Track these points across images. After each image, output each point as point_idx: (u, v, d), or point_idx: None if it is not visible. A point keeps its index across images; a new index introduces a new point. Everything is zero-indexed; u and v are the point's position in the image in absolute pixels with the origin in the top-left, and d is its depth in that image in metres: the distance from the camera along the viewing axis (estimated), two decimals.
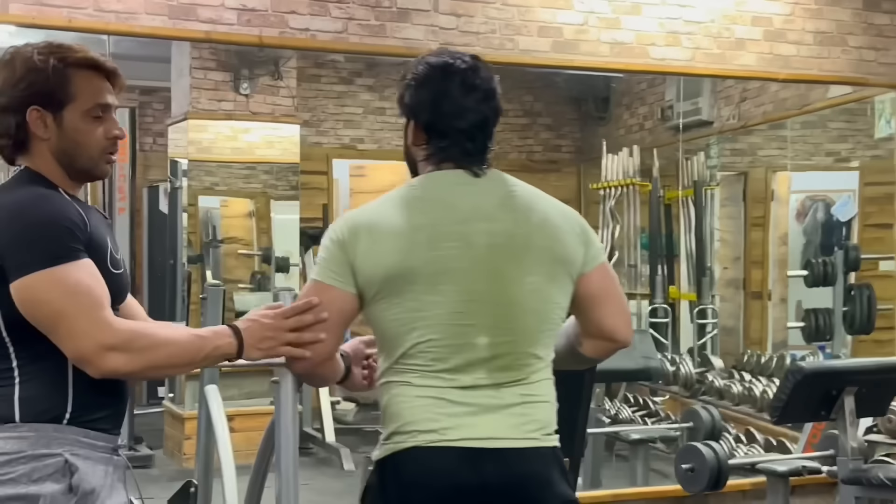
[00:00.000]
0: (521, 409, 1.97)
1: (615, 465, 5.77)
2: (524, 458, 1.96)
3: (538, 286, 2.00)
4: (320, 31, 4.13)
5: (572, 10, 4.49)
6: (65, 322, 1.82)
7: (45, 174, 1.97)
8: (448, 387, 1.95)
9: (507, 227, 2.01)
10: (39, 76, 1.93)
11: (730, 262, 7.02)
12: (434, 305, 1.95)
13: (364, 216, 2.03)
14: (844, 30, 4.94)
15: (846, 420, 3.83)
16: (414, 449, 1.95)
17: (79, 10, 3.79)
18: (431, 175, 2.05)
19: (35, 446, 1.85)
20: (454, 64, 2.05)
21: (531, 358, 2.00)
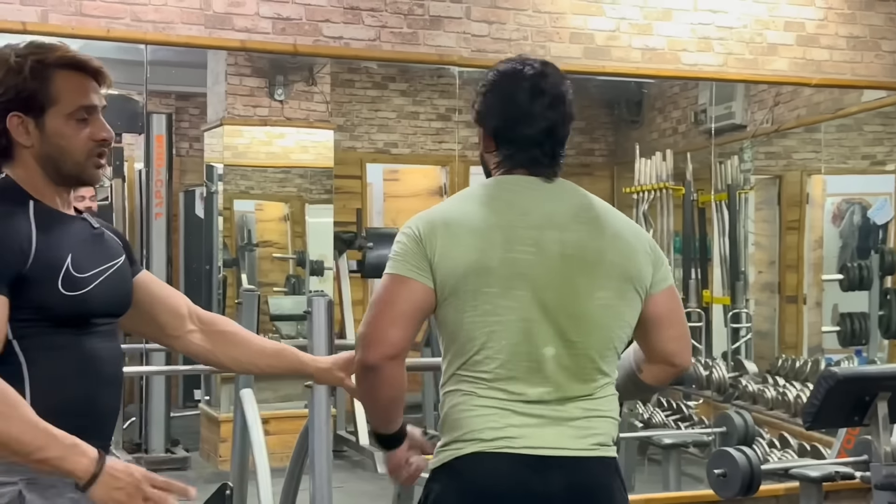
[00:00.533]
0: (585, 422, 1.97)
1: (648, 470, 5.78)
2: (588, 468, 1.97)
3: (608, 302, 1.99)
4: (353, 39, 4.19)
5: (604, 17, 4.53)
6: None
7: (26, 184, 1.86)
8: (513, 400, 1.94)
9: (581, 238, 1.98)
10: (17, 79, 1.82)
11: (764, 266, 7.00)
12: (508, 311, 1.93)
13: (439, 213, 2.01)
14: (877, 34, 4.93)
15: (879, 425, 3.82)
16: (478, 454, 1.93)
17: (117, 20, 3.87)
18: (504, 178, 2.04)
19: None
20: (522, 70, 2.05)
21: (597, 373, 1.99)
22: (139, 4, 3.88)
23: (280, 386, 6.07)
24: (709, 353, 6.33)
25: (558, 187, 2.04)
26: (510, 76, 2.05)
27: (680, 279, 6.54)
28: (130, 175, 6.43)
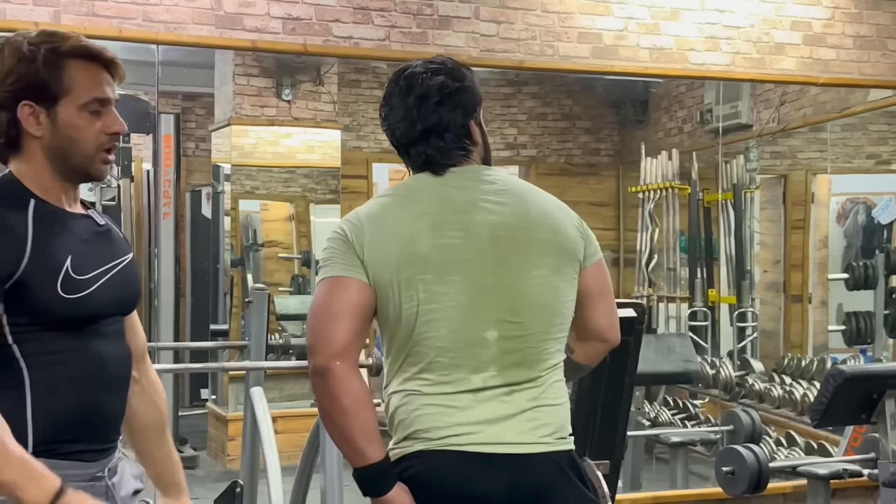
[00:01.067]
0: (533, 413, 1.93)
1: (655, 468, 5.80)
2: (536, 464, 1.92)
3: (545, 279, 1.96)
4: (363, 39, 4.21)
5: (612, 17, 4.54)
6: None
7: (30, 180, 1.82)
8: (458, 391, 1.90)
9: (507, 219, 1.96)
10: (30, 67, 1.77)
11: (770, 265, 7.02)
12: (444, 297, 1.89)
13: (363, 211, 2.00)
14: (884, 34, 4.95)
15: (887, 423, 3.84)
16: (422, 452, 1.91)
17: (128, 20, 3.89)
18: (416, 177, 2.03)
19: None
20: (403, 72, 2.03)
21: (542, 353, 1.96)
22: (151, 5, 3.91)
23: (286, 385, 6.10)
24: (715, 352, 6.35)
25: (473, 173, 2.01)
26: (393, 80, 2.04)
27: (686, 278, 6.57)
28: (138, 175, 6.46)
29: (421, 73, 2.00)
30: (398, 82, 2.02)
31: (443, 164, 2.00)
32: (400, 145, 2.04)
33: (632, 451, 5.17)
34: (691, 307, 6.46)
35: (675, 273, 6.58)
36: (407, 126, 1.99)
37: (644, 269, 6.57)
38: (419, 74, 2.00)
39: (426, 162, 2.00)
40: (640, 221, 6.62)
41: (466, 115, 2.01)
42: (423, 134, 1.98)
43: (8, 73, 1.78)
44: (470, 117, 2.02)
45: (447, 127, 1.99)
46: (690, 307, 6.47)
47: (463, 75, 2.03)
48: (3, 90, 1.79)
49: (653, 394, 6.37)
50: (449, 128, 1.99)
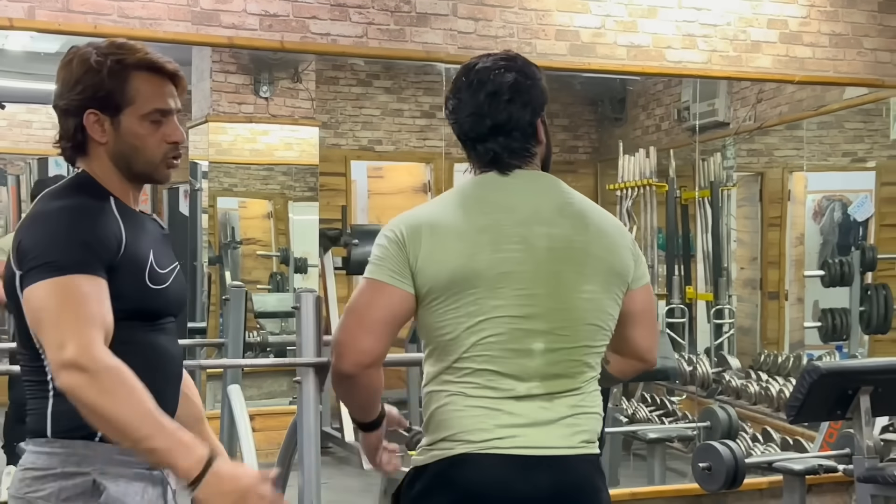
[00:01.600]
0: (572, 419, 1.96)
1: (633, 464, 5.82)
2: (575, 466, 1.96)
3: (595, 296, 1.97)
4: (341, 36, 4.19)
5: (589, 14, 4.54)
6: (50, 329, 1.71)
7: (101, 179, 1.90)
8: (502, 397, 1.93)
9: (567, 232, 1.97)
10: (96, 78, 1.86)
11: (747, 263, 7.05)
12: (494, 309, 1.92)
13: (425, 215, 1.99)
14: (860, 32, 4.97)
15: (862, 419, 3.86)
16: (465, 455, 1.92)
17: (104, 16, 3.86)
18: (482, 177, 2.02)
19: (65, 464, 1.79)
20: (474, 66, 2.03)
21: (583, 367, 1.98)
22: (126, 0, 3.88)
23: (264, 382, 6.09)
24: (692, 349, 6.38)
25: (539, 181, 2.02)
26: (463, 74, 2.03)
27: (663, 275, 6.59)
28: None
29: (493, 69, 1.99)
30: (468, 76, 2.01)
31: (509, 164, 2.00)
32: (467, 139, 2.03)
33: (609, 447, 5.18)
34: (669, 304, 6.49)
35: (653, 270, 6.60)
36: (476, 121, 1.99)
37: None
38: (491, 70, 1.99)
39: (493, 160, 2.00)
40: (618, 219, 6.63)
41: (535, 114, 2.01)
42: (491, 130, 1.98)
43: (76, 83, 1.87)
44: (538, 116, 2.02)
45: (516, 125, 1.99)
46: (668, 304, 6.50)
47: (533, 73, 2.03)
48: (72, 98, 1.87)
49: (630, 390, 6.39)
50: (518, 126, 1.99)
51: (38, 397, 1.83)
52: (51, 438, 1.80)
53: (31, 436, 1.83)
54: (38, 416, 1.82)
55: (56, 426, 1.80)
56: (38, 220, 1.81)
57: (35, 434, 1.82)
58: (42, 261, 1.74)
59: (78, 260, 1.75)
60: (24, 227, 1.83)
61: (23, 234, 1.81)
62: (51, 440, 1.80)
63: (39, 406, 1.82)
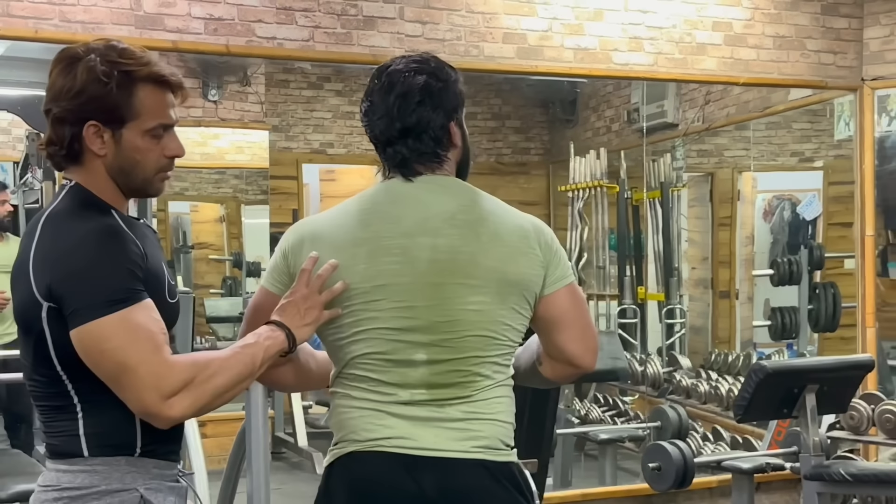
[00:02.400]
0: (465, 423, 1.93)
1: (585, 465, 5.84)
2: (464, 470, 1.91)
3: (484, 306, 1.93)
4: (287, 40, 4.17)
5: (536, 17, 4.55)
6: (125, 375, 1.73)
7: (97, 191, 1.86)
8: (387, 402, 1.93)
9: (454, 243, 1.93)
10: (102, 90, 1.80)
11: (698, 262, 7.11)
12: (370, 321, 1.92)
13: (309, 226, 2.02)
14: (803, 34, 5.03)
15: (808, 417, 3.91)
16: (354, 453, 1.93)
17: (45, 20, 3.81)
18: (383, 185, 2.01)
19: (108, 481, 1.81)
20: (386, 68, 2.00)
21: (474, 376, 1.94)
22: (68, 5, 3.83)
23: None
24: (644, 349, 6.42)
25: (440, 188, 1.99)
26: (376, 76, 2.01)
27: (615, 276, 6.63)
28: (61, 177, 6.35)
29: (403, 71, 1.97)
30: (380, 78, 1.99)
31: (414, 169, 1.98)
32: (378, 143, 2.01)
33: (561, 448, 5.21)
34: (621, 305, 6.52)
35: (605, 271, 6.64)
36: (386, 124, 1.96)
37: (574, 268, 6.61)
38: (401, 72, 1.97)
39: (400, 163, 1.98)
40: (570, 220, 6.66)
41: (447, 116, 1.98)
42: (401, 133, 1.96)
43: (79, 92, 1.81)
44: (451, 118, 1.99)
45: (426, 127, 1.96)
46: (620, 305, 6.53)
47: (447, 75, 2.00)
48: (72, 107, 1.82)
49: (583, 391, 6.42)
50: (428, 128, 1.97)
51: (62, 419, 1.82)
52: (88, 457, 1.81)
53: (60, 456, 1.83)
54: (67, 436, 1.82)
55: (92, 445, 1.81)
56: (66, 250, 1.77)
57: (65, 455, 1.82)
58: (94, 298, 1.72)
59: (128, 288, 1.75)
60: (49, 257, 1.78)
61: (52, 265, 1.77)
62: (88, 459, 1.81)
63: (67, 427, 1.82)
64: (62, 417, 1.82)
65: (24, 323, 1.81)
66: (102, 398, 1.79)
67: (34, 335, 1.79)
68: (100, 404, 1.80)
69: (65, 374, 1.79)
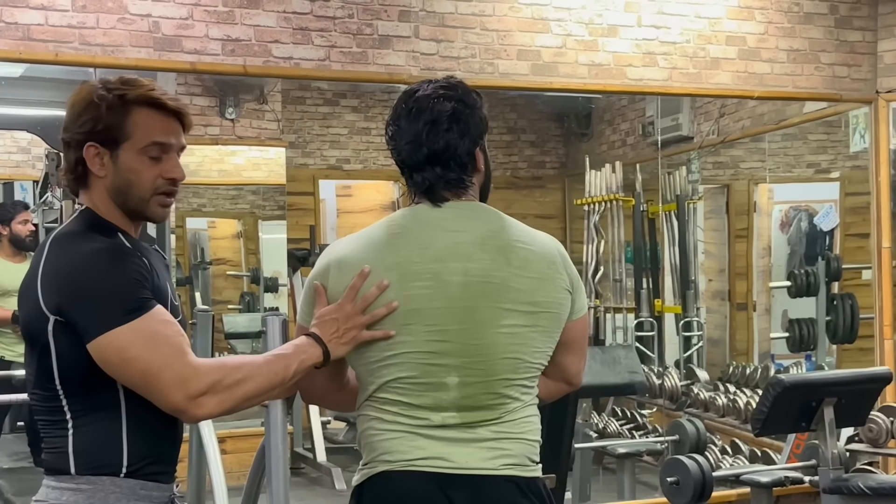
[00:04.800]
0: (494, 443, 1.96)
1: (603, 479, 5.84)
2: (497, 486, 1.95)
3: (517, 329, 1.96)
4: (303, 59, 4.21)
5: (550, 34, 4.59)
6: (152, 378, 1.77)
7: (104, 213, 1.92)
8: (419, 425, 1.95)
9: (484, 267, 1.95)
10: (96, 112, 1.89)
11: (714, 274, 7.11)
12: (403, 345, 1.93)
13: (337, 251, 2.02)
14: (817, 47, 5.04)
15: (826, 430, 3.91)
16: (386, 472, 1.95)
17: (65, 44, 3.87)
18: (412, 209, 2.03)
19: (92, 499, 1.83)
20: (414, 93, 2.02)
21: (504, 398, 1.98)
22: (87, 28, 3.89)
23: None
24: (661, 362, 6.42)
25: (469, 214, 2.01)
26: (403, 100, 2.02)
27: (632, 289, 6.64)
28: None
29: (432, 97, 1.99)
30: (408, 103, 2.00)
31: (442, 196, 2.00)
32: (405, 167, 2.02)
33: (580, 462, 5.21)
34: (637, 317, 6.53)
35: (621, 284, 6.65)
36: (413, 149, 1.98)
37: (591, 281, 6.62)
38: (430, 97, 1.99)
39: (427, 190, 2.00)
40: (586, 233, 6.68)
41: (473, 142, 2.00)
42: (428, 159, 1.97)
43: (78, 116, 1.90)
44: (477, 144, 2.02)
45: (453, 154, 1.98)
46: (637, 317, 6.53)
47: (474, 101, 2.02)
48: (74, 132, 1.91)
49: (601, 405, 6.42)
50: (455, 155, 1.98)
51: (55, 435, 1.86)
52: (75, 475, 1.84)
53: (51, 472, 1.87)
54: (57, 453, 1.86)
55: (80, 463, 1.84)
56: (75, 267, 1.82)
57: (56, 471, 1.86)
58: (109, 311, 1.78)
59: (140, 298, 1.80)
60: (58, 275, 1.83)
61: (61, 283, 1.82)
62: (75, 477, 1.84)
63: (58, 444, 1.86)
64: (55, 433, 1.86)
65: (30, 336, 1.86)
66: (92, 416, 1.84)
67: (39, 348, 1.84)
68: (89, 422, 1.84)
69: (62, 388, 1.84)
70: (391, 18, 4.34)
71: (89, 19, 3.89)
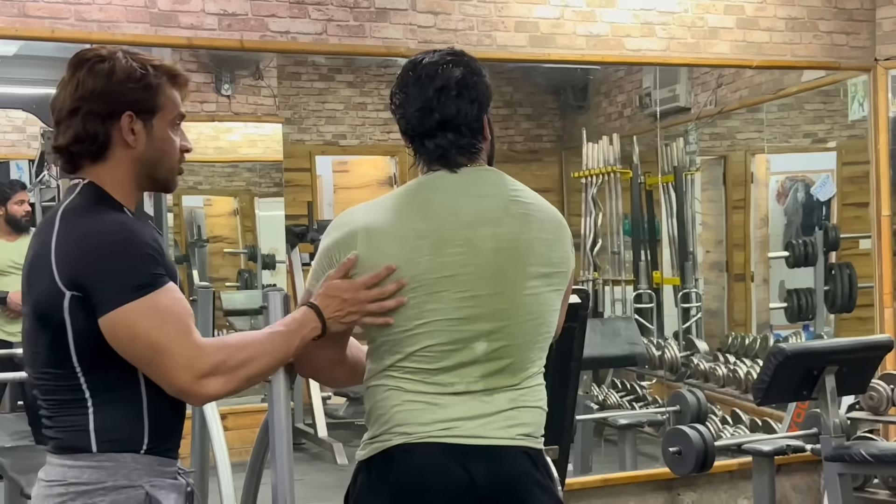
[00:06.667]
0: (511, 412, 1.97)
1: (604, 451, 5.86)
2: (512, 456, 1.97)
3: (538, 291, 1.99)
4: (300, 34, 4.18)
5: (548, 5, 4.55)
6: (158, 357, 1.78)
7: (110, 190, 1.90)
8: (441, 393, 1.94)
9: (513, 231, 1.97)
10: (139, 83, 1.88)
11: (712, 246, 7.11)
12: (434, 313, 1.93)
13: (361, 218, 1.99)
14: (815, 15, 5.01)
15: (827, 399, 3.92)
16: (403, 445, 1.94)
17: (61, 20, 3.83)
18: (427, 178, 2.01)
19: (115, 477, 1.83)
20: (420, 61, 2.01)
21: (526, 362, 1.99)
22: (83, 4, 3.85)
23: None
24: (660, 334, 6.43)
25: (487, 179, 2.02)
26: (410, 68, 2.02)
27: (630, 261, 6.64)
28: None
29: (440, 64, 1.99)
30: (415, 70, 2.00)
31: (457, 161, 1.99)
32: (415, 135, 2.01)
33: (581, 434, 5.22)
34: (636, 289, 6.54)
35: (620, 256, 6.65)
36: (423, 115, 1.98)
37: (589, 254, 6.63)
38: (438, 64, 1.99)
39: (441, 156, 1.99)
40: (584, 206, 6.67)
41: (481, 109, 2.02)
42: (439, 125, 1.97)
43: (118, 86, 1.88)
44: (484, 111, 2.03)
45: (464, 120, 1.98)
46: (635, 290, 6.54)
47: (479, 69, 2.03)
48: (110, 100, 1.87)
49: (601, 377, 6.44)
50: (466, 121, 1.99)
51: (71, 414, 1.85)
52: (96, 453, 1.83)
53: (66, 451, 1.85)
54: (74, 432, 1.84)
55: (101, 441, 1.84)
56: (89, 241, 1.81)
57: (73, 450, 1.84)
58: (121, 285, 1.77)
59: (152, 273, 1.80)
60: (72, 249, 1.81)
61: (76, 256, 1.80)
62: (95, 455, 1.83)
63: (76, 422, 1.84)
64: (71, 412, 1.84)
65: (43, 315, 1.83)
66: (113, 395, 1.84)
67: (52, 327, 1.82)
68: (110, 400, 1.84)
69: (80, 366, 1.82)
70: None
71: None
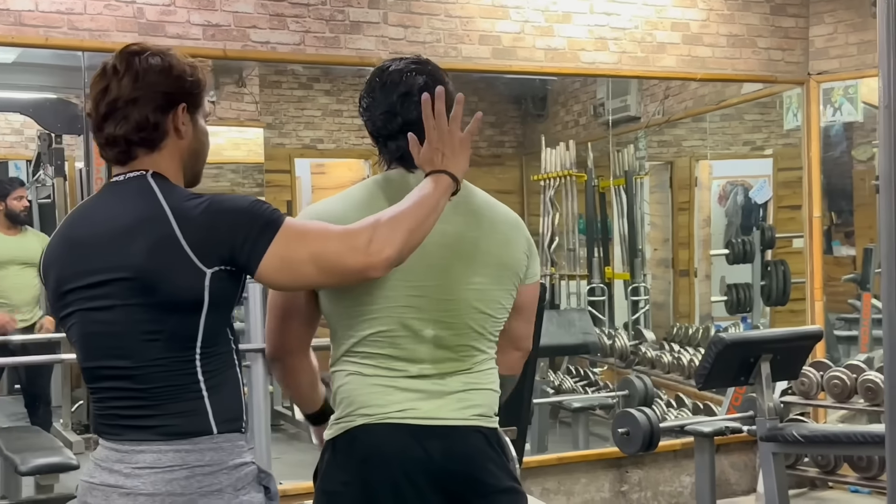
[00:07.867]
0: (464, 394, 1.97)
1: (559, 431, 5.87)
2: (466, 435, 1.96)
3: (484, 287, 1.98)
4: (280, 44, 4.15)
5: (509, 20, 4.55)
6: (323, 261, 1.71)
7: (173, 179, 1.82)
8: (397, 376, 1.94)
9: (458, 229, 1.96)
10: (192, 78, 1.84)
11: (659, 244, 7.13)
12: (385, 300, 1.92)
13: (318, 210, 1.99)
14: (754, 33, 5.04)
15: (763, 384, 3.93)
16: (365, 425, 1.93)
17: (54, 28, 3.78)
18: (385, 175, 2.01)
19: (232, 456, 1.78)
20: (388, 67, 2.01)
21: (473, 350, 1.99)
22: (75, 14, 3.80)
23: None
24: (611, 324, 6.43)
25: None
26: (377, 74, 2.01)
27: (584, 257, 6.63)
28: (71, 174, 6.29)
29: (405, 71, 1.98)
30: (381, 77, 1.99)
31: (415, 162, 1.95)
32: (379, 136, 2.01)
33: (538, 416, 5.23)
34: (590, 284, 6.53)
35: (575, 253, 6.64)
36: (388, 119, 1.97)
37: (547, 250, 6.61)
38: (403, 72, 1.98)
39: (401, 157, 1.98)
40: (542, 207, 6.66)
41: None
42: (402, 128, 1.95)
43: (176, 80, 1.82)
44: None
45: None
46: (589, 284, 6.54)
47: (441, 77, 2.01)
48: (169, 93, 1.81)
49: (557, 364, 6.44)
50: None
51: (185, 399, 1.75)
52: (215, 435, 1.76)
53: (182, 436, 1.75)
54: (191, 416, 1.76)
55: (220, 422, 1.77)
56: (216, 217, 1.72)
57: (190, 434, 1.75)
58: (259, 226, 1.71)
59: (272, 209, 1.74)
60: (205, 229, 1.72)
61: (207, 229, 1.71)
62: (215, 436, 1.77)
63: (191, 407, 1.76)
64: (186, 397, 1.75)
65: (178, 301, 1.72)
66: (221, 375, 1.79)
67: (184, 310, 1.73)
68: (220, 382, 1.78)
69: (200, 349, 1.75)
70: (361, 5, 4.28)
71: (77, 5, 3.81)
